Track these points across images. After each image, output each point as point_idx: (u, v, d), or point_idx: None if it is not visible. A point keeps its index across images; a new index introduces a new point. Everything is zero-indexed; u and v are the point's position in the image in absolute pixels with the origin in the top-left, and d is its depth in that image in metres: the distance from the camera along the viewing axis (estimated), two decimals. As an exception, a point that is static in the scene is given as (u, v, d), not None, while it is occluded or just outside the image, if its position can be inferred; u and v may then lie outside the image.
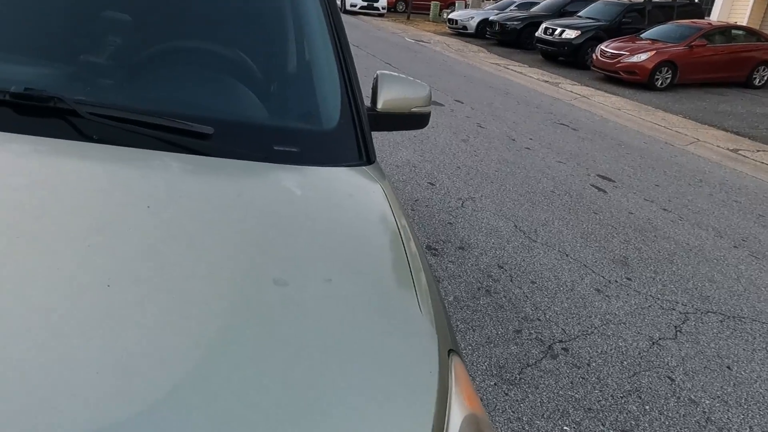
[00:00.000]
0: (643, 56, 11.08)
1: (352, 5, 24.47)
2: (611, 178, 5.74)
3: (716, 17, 15.67)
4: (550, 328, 2.99)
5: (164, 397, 0.70)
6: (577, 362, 2.73)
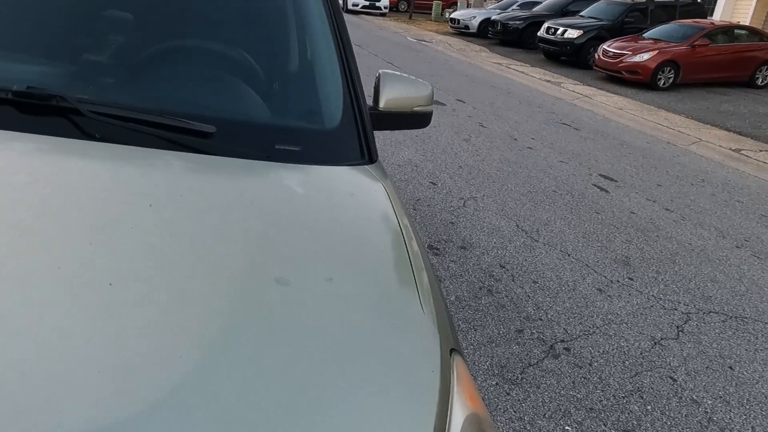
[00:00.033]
0: (645, 56, 11.06)
1: (354, 4, 24.45)
2: (613, 177, 5.73)
3: (719, 17, 15.64)
4: (551, 327, 2.98)
5: (165, 396, 0.70)
6: (578, 362, 2.73)
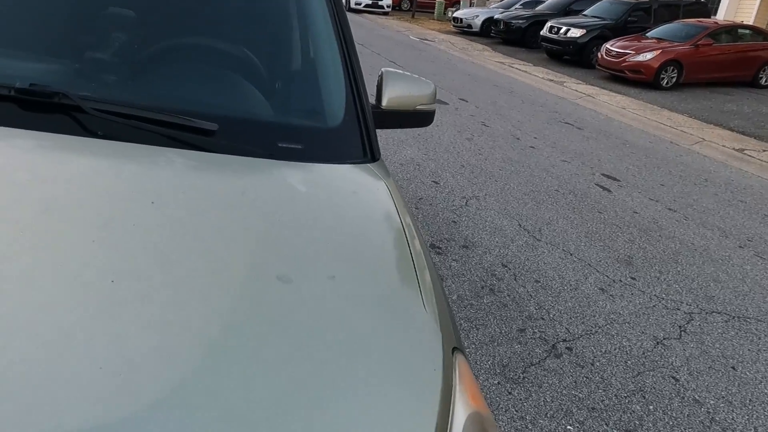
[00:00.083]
0: (648, 55, 11.03)
1: (356, 3, 24.43)
2: (616, 177, 5.72)
3: (722, 16, 15.59)
4: (554, 327, 2.98)
5: (167, 394, 0.70)
6: (580, 361, 2.73)
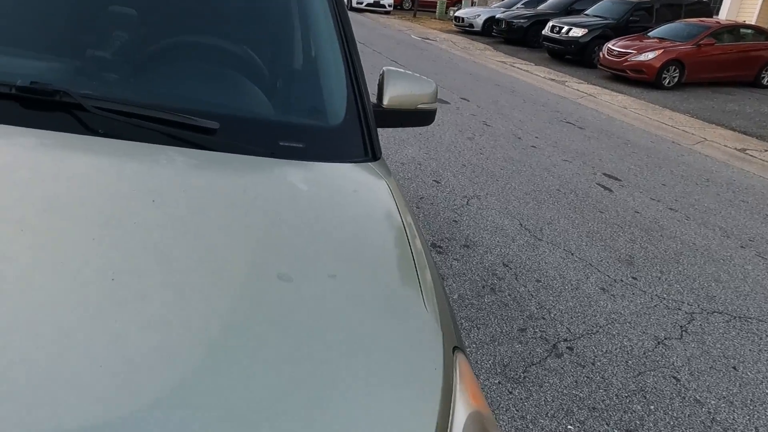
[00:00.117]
0: (650, 55, 11.01)
1: (358, 2, 24.41)
2: (617, 176, 5.72)
3: (724, 16, 15.56)
4: (554, 326, 2.98)
5: (168, 392, 0.70)
6: (581, 361, 2.72)
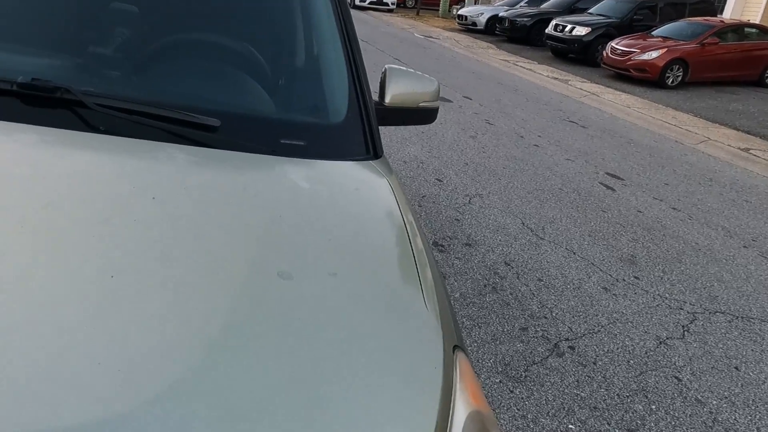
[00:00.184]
0: (654, 54, 10.98)
1: (361, 0, 24.41)
2: (620, 176, 5.71)
3: (729, 15, 15.51)
4: (556, 326, 2.97)
5: (168, 390, 0.70)
6: (583, 360, 2.72)
